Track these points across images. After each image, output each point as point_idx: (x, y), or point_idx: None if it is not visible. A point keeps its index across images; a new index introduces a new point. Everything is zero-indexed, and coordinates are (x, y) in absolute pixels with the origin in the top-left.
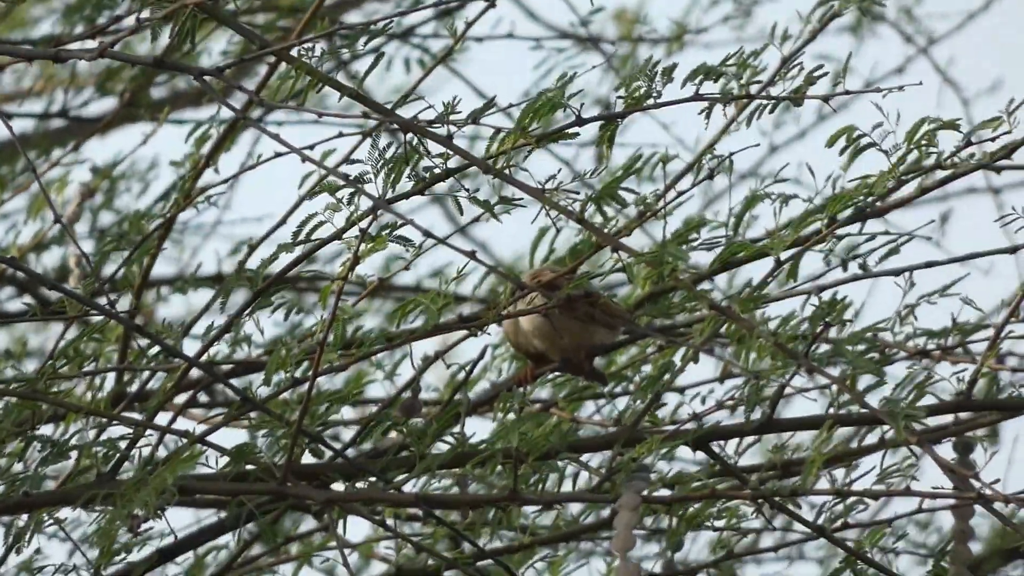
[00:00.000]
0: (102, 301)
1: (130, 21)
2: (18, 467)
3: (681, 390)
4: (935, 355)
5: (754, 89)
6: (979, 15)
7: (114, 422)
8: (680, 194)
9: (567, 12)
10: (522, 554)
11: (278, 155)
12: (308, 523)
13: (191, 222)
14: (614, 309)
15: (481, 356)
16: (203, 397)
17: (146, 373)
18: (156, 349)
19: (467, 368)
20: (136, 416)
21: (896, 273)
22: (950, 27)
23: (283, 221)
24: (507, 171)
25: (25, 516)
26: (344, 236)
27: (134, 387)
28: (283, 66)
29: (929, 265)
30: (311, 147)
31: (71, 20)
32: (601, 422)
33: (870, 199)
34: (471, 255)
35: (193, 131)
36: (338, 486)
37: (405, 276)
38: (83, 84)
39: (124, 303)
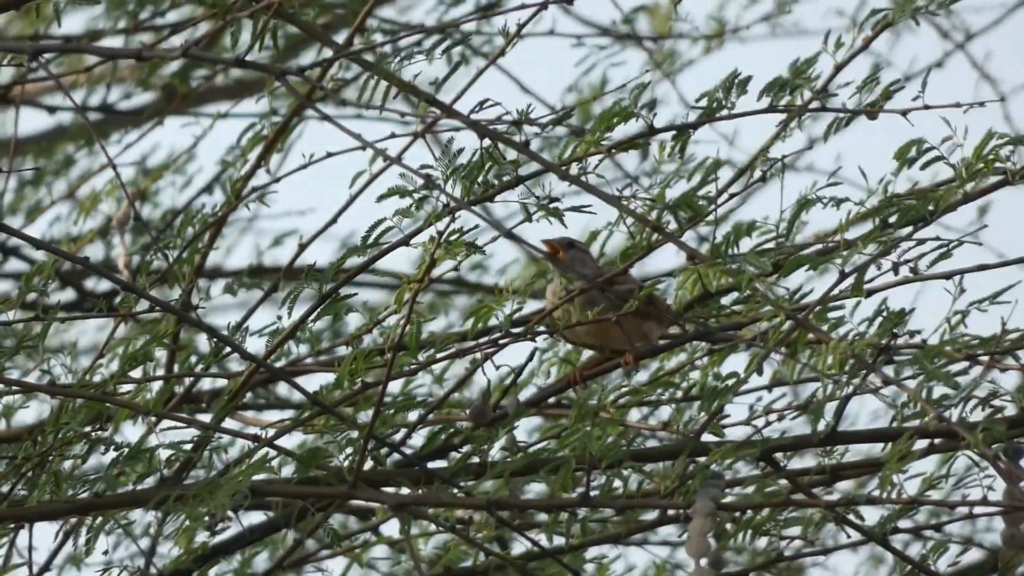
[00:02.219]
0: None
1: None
2: (82, 468)
3: (730, 399)
4: (985, 362)
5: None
6: (1017, 10)
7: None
8: (731, 196)
9: (608, 9)
10: (574, 555)
11: (351, 150)
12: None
13: (232, 214)
14: (662, 303)
15: (530, 359)
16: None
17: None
18: (206, 348)
19: (516, 371)
20: (204, 419)
21: (947, 276)
22: (987, 22)
23: (334, 220)
24: (582, 177)
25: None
26: (416, 238)
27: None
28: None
29: (981, 268)
30: (383, 148)
31: (113, 15)
32: (649, 427)
33: (931, 209)
34: (552, 257)
35: (246, 131)
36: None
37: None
38: (123, 77)
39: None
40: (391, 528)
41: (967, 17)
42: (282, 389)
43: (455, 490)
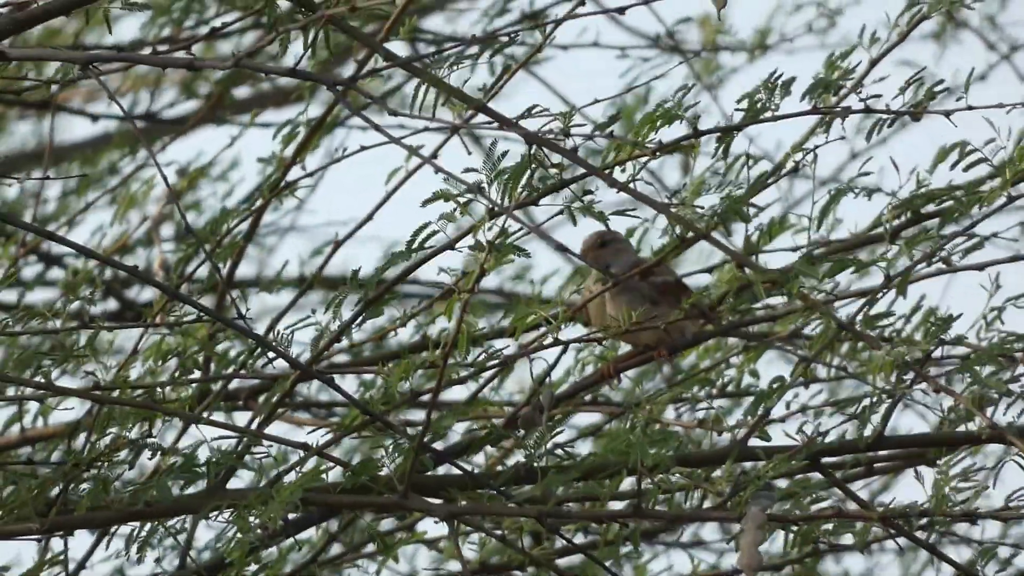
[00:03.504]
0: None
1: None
2: (130, 475)
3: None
4: (1020, 359)
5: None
6: None
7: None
8: (764, 186)
9: (651, 20)
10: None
11: (384, 143)
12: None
13: (272, 224)
14: (700, 301)
15: (563, 351)
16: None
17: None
18: (238, 351)
19: (550, 365)
20: (242, 426)
21: (980, 268)
22: None
23: (369, 218)
24: (630, 184)
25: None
26: (460, 243)
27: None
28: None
29: (1015, 259)
30: (432, 157)
31: (156, 22)
32: (686, 424)
33: (977, 211)
34: (606, 271)
35: (281, 128)
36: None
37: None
38: (166, 86)
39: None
40: (424, 524)
41: (1013, 31)
42: (315, 389)
43: (505, 499)
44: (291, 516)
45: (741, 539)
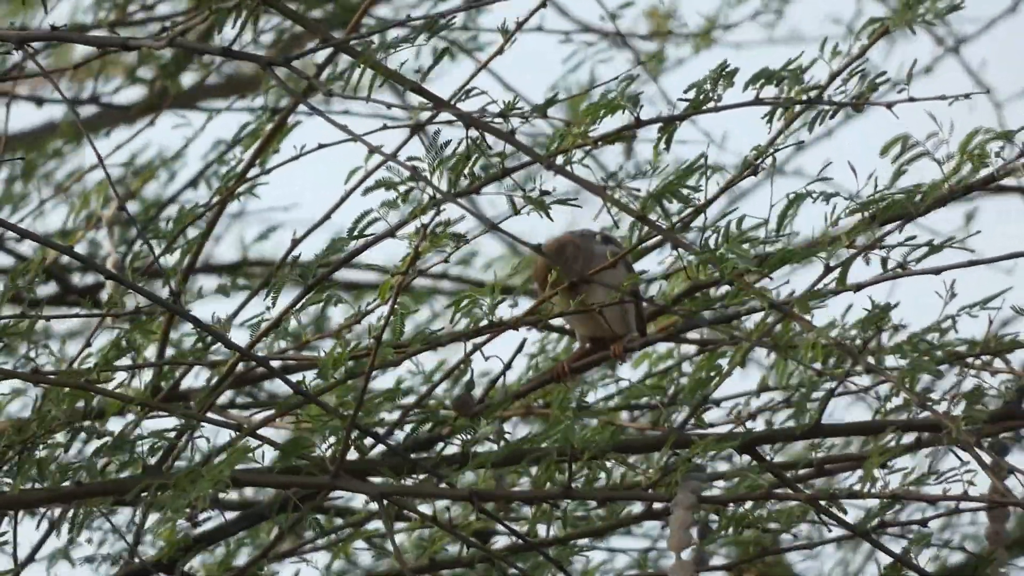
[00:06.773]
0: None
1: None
2: (66, 457)
3: (717, 403)
4: (975, 364)
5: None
6: (1007, 17)
7: (159, 414)
8: (721, 191)
9: (595, 7)
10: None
11: (342, 141)
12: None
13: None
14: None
15: (519, 350)
16: (241, 398)
17: (181, 369)
18: (194, 342)
19: (505, 363)
20: (187, 408)
21: (936, 272)
22: (979, 28)
23: (328, 216)
24: (568, 168)
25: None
26: (402, 231)
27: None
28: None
29: (971, 264)
30: (378, 145)
31: (100, 6)
32: (639, 426)
33: (918, 205)
34: (537, 248)
35: (244, 128)
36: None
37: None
38: (112, 72)
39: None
40: (374, 523)
41: (960, 26)
42: (270, 387)
43: (437, 480)
44: (243, 511)
45: (671, 520)
